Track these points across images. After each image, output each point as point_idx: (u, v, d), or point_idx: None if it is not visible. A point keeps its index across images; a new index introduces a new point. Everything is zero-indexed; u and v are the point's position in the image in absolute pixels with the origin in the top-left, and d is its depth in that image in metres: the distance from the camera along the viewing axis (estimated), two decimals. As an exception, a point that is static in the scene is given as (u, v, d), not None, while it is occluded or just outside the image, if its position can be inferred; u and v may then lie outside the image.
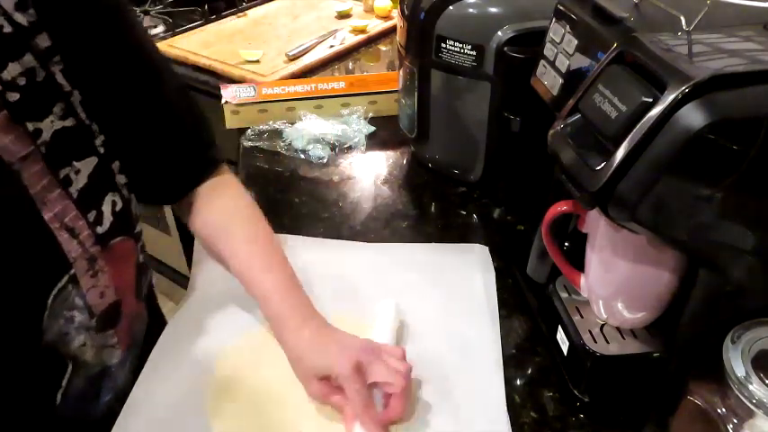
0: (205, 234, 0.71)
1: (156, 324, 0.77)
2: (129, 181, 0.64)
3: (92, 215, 0.59)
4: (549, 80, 0.64)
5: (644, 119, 0.42)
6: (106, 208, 0.61)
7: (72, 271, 0.57)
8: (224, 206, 0.72)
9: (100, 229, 0.60)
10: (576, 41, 0.59)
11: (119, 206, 0.62)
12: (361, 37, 1.44)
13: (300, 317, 0.63)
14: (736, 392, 0.44)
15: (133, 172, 0.64)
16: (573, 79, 0.59)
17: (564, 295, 0.66)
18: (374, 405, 0.57)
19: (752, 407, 0.43)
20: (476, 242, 0.81)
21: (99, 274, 0.60)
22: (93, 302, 0.61)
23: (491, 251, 0.79)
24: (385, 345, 0.62)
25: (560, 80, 0.62)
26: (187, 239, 1.81)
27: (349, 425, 0.57)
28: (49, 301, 0.56)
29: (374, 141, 1.05)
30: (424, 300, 0.72)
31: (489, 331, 0.68)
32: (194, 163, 0.71)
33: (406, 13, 0.84)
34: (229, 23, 1.55)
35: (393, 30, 1.49)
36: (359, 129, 1.05)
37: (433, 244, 0.82)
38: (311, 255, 0.78)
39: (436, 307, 0.72)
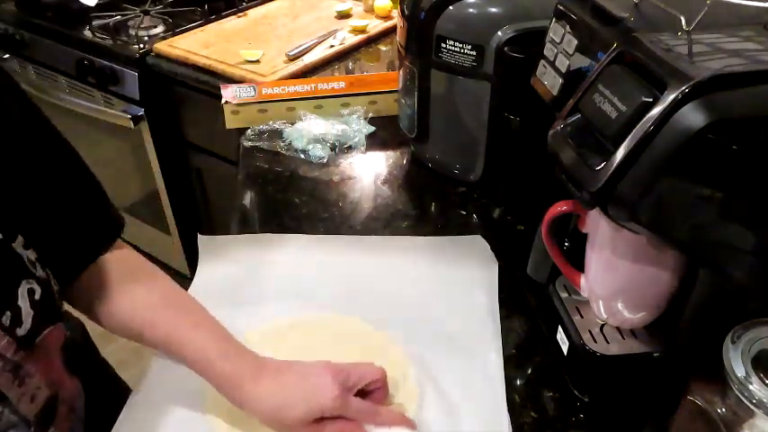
0: (97, 305, 0.62)
1: (97, 380, 0.70)
2: (41, 254, 0.56)
3: (6, 317, 0.49)
4: (549, 80, 0.64)
5: (644, 119, 0.42)
6: (23, 302, 0.51)
7: None
8: (123, 271, 0.63)
9: (20, 331, 0.51)
10: (576, 41, 0.59)
11: (38, 293, 0.53)
12: (361, 37, 1.43)
13: (252, 368, 0.57)
14: (736, 392, 0.44)
15: (43, 243, 0.56)
16: (573, 79, 0.59)
17: (564, 295, 0.66)
18: (377, 411, 0.57)
19: (752, 407, 0.43)
20: (476, 242, 0.81)
21: (27, 379, 0.52)
22: (26, 411, 0.52)
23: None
24: (327, 362, 0.59)
25: (560, 80, 0.62)
26: (187, 239, 1.81)
27: None
28: None
29: (374, 141, 1.05)
30: (424, 299, 0.72)
31: (490, 330, 0.68)
32: (102, 224, 0.63)
33: (406, 12, 0.84)
34: (229, 23, 1.55)
35: (393, 30, 1.49)
36: (359, 129, 1.05)
37: (432, 237, 0.82)
38: (310, 253, 0.78)
39: (436, 305, 0.72)
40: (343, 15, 1.55)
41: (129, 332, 0.62)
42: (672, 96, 0.41)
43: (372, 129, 1.06)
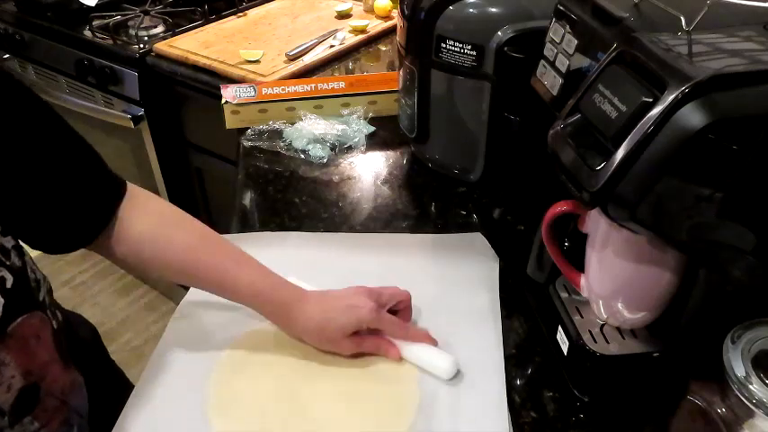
0: (136, 252, 0.64)
1: (105, 380, 0.72)
2: (24, 236, 0.57)
3: None
4: (549, 80, 0.64)
5: (644, 119, 0.42)
6: None
7: None
8: (150, 220, 0.65)
9: None
10: (576, 41, 0.59)
11: (9, 282, 0.54)
12: (361, 37, 1.43)
13: (295, 295, 0.65)
14: (736, 392, 0.44)
15: (32, 225, 0.58)
16: (573, 79, 0.59)
17: (564, 295, 0.66)
18: (406, 325, 0.66)
19: (752, 407, 0.43)
20: (476, 242, 0.81)
21: (1, 368, 0.53)
22: (1, 400, 0.54)
23: (491, 251, 0.79)
24: (361, 285, 0.67)
25: (560, 80, 0.62)
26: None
27: (393, 351, 0.64)
28: None
29: (374, 141, 1.05)
30: (424, 296, 0.72)
31: (491, 327, 0.68)
32: (105, 190, 0.63)
33: (406, 13, 0.84)
34: (229, 23, 1.55)
35: (393, 30, 1.49)
36: (359, 129, 1.05)
37: (433, 234, 0.82)
38: (310, 252, 0.78)
39: (437, 302, 0.72)
40: (343, 15, 1.55)
41: (175, 276, 0.66)
42: (672, 96, 0.41)
43: (372, 129, 1.06)
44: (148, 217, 0.64)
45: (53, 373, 0.60)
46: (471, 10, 0.79)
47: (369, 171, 0.98)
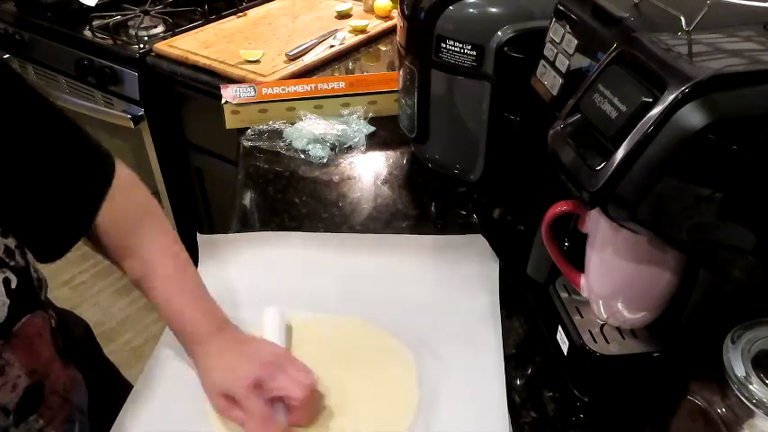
0: (107, 236, 0.65)
1: (100, 377, 0.71)
2: (23, 238, 0.57)
3: None
4: (549, 80, 0.64)
5: (644, 119, 0.42)
6: None
7: None
8: (121, 208, 0.65)
9: None
10: (576, 41, 0.59)
11: (14, 283, 0.54)
12: (361, 37, 1.43)
13: (208, 330, 0.62)
14: (736, 392, 0.44)
15: (28, 223, 0.57)
16: (573, 79, 0.59)
17: (564, 295, 0.66)
18: (272, 420, 0.57)
19: (752, 407, 0.43)
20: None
21: (6, 368, 0.53)
22: (6, 400, 0.54)
23: (491, 251, 0.79)
24: (291, 356, 0.62)
25: (560, 80, 0.62)
26: (187, 239, 1.80)
27: None
28: None
29: (374, 141, 1.05)
30: (424, 297, 0.73)
31: (491, 329, 0.68)
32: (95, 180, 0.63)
33: (406, 13, 0.84)
34: (229, 23, 1.55)
35: (393, 30, 1.49)
36: (359, 129, 1.05)
37: (433, 236, 0.82)
38: (310, 252, 0.78)
39: (437, 304, 0.72)
40: (343, 15, 1.55)
41: (135, 283, 0.66)
42: (672, 96, 0.41)
43: (372, 129, 1.06)
44: (121, 208, 0.65)
45: (55, 371, 0.61)
46: (471, 10, 0.79)
47: (369, 171, 0.98)
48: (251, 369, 0.58)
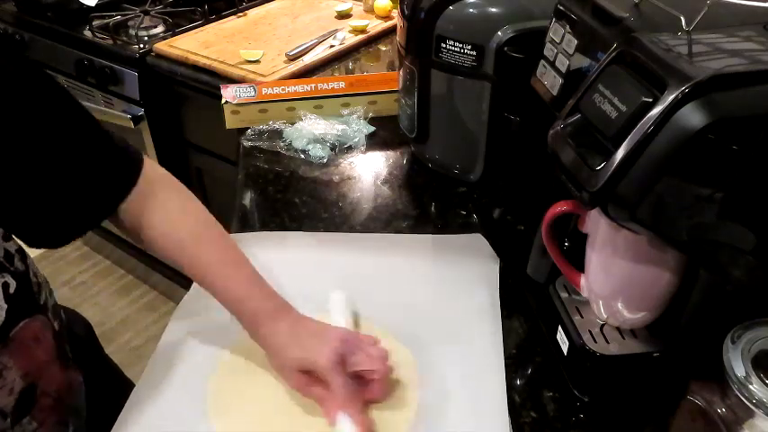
0: (140, 234, 0.66)
1: (101, 376, 0.71)
2: (26, 237, 0.57)
3: None
4: (549, 80, 0.64)
5: (644, 119, 0.42)
6: None
7: None
8: (167, 208, 0.67)
9: None
10: (576, 41, 0.59)
11: (12, 287, 0.54)
12: (361, 37, 1.43)
13: (274, 310, 0.63)
14: (736, 392, 0.44)
15: (36, 215, 0.57)
16: (573, 79, 0.59)
17: (564, 295, 0.66)
18: (358, 396, 0.58)
19: (752, 407, 0.43)
20: (476, 242, 0.81)
21: (4, 372, 0.53)
22: (3, 403, 0.54)
23: (491, 251, 0.79)
24: (358, 333, 0.64)
25: (560, 80, 0.62)
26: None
27: (331, 416, 0.57)
28: None
29: (374, 141, 1.05)
30: (424, 297, 0.73)
31: (491, 328, 0.68)
32: (122, 169, 0.64)
33: (406, 13, 0.84)
34: (229, 23, 1.55)
35: (393, 30, 1.49)
36: (359, 129, 1.05)
37: (433, 235, 0.82)
38: (310, 251, 0.78)
39: (437, 303, 0.72)
40: (343, 15, 1.55)
41: (173, 264, 0.66)
42: (672, 96, 0.41)
43: (372, 129, 1.06)
44: (163, 211, 0.66)
45: (50, 373, 0.61)
46: (471, 10, 0.79)
47: (369, 171, 0.98)
48: (334, 345, 0.58)
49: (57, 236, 0.62)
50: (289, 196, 0.92)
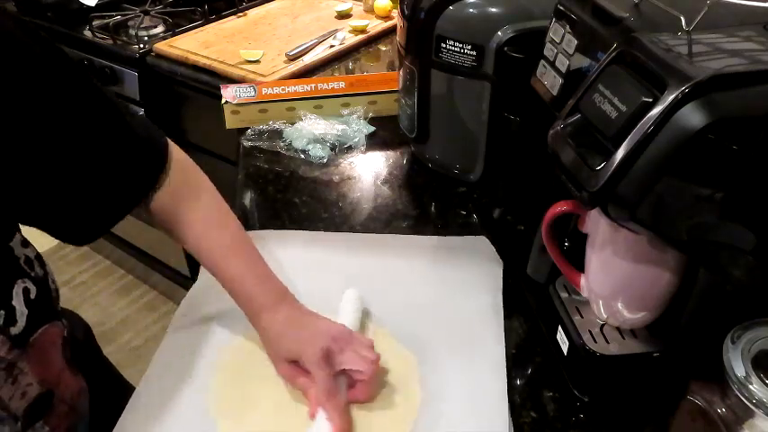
0: (166, 225, 0.68)
1: (101, 378, 0.72)
2: (55, 231, 0.56)
3: (0, 317, 0.50)
4: (549, 80, 0.64)
5: (644, 119, 0.42)
6: (17, 302, 0.52)
7: None
8: (205, 217, 0.68)
9: (14, 330, 0.52)
10: (576, 41, 0.59)
11: (33, 293, 0.54)
12: (361, 37, 1.43)
13: (274, 299, 0.64)
14: (736, 392, 0.44)
15: (65, 210, 0.56)
16: (573, 79, 0.59)
17: (564, 295, 0.66)
18: (338, 392, 0.59)
19: (752, 407, 0.43)
20: (476, 242, 0.81)
21: (19, 377, 0.53)
22: (16, 407, 0.54)
23: (491, 251, 0.79)
24: (356, 333, 0.64)
25: (560, 80, 0.62)
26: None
27: (313, 407, 0.59)
28: None
29: (374, 141, 1.05)
30: (427, 298, 0.72)
31: (494, 330, 0.68)
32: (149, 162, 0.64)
33: (406, 13, 0.84)
34: (229, 23, 1.55)
35: (393, 30, 1.49)
36: (359, 129, 1.05)
37: (436, 237, 0.82)
38: (311, 251, 0.78)
39: (439, 305, 0.72)
40: (343, 15, 1.55)
41: (188, 249, 0.68)
42: (672, 96, 0.41)
43: (372, 129, 1.06)
44: (196, 208, 0.68)
45: (65, 380, 0.61)
46: (471, 10, 0.79)
47: (369, 171, 0.98)
48: (323, 340, 0.59)
49: (84, 229, 0.61)
50: (289, 196, 0.92)
